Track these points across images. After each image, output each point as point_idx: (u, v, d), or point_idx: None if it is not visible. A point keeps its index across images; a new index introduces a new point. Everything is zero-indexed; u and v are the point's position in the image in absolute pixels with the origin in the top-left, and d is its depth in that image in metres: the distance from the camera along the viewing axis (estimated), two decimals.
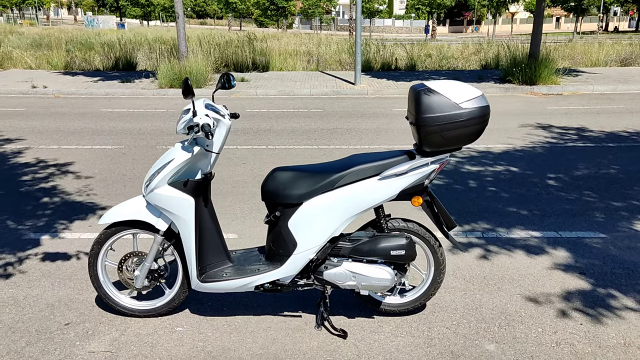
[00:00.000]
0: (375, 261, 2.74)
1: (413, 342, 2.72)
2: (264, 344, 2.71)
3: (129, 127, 7.98)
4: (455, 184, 5.24)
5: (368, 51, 15.76)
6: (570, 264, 3.53)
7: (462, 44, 21.48)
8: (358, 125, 8.08)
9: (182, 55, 12.37)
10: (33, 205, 4.67)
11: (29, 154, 6.40)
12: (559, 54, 14.47)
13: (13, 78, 13.10)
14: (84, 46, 18.66)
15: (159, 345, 2.69)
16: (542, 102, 10.21)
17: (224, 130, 2.70)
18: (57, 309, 3.03)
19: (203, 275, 2.77)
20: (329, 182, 2.63)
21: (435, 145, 2.53)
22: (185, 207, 2.67)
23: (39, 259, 3.63)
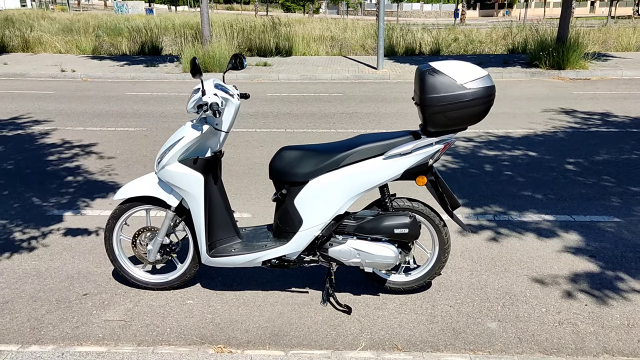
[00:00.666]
0: (379, 239, 2.79)
1: (416, 319, 2.76)
2: (270, 318, 2.79)
3: (152, 110, 8.15)
4: (471, 167, 5.22)
5: (392, 36, 15.61)
6: (581, 247, 3.51)
7: (492, 28, 21.05)
8: (378, 110, 8.07)
9: (206, 39, 12.48)
10: (57, 183, 4.85)
11: (56, 135, 6.62)
12: (590, 39, 14.07)
13: (43, 62, 13.45)
14: (113, 31, 18.97)
15: (170, 316, 2.81)
16: (569, 86, 9.98)
17: (233, 110, 2.76)
18: (76, 280, 3.18)
19: (212, 250, 2.87)
20: (335, 161, 2.68)
21: (439, 126, 2.54)
22: (195, 184, 2.75)
23: (61, 234, 3.80)
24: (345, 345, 2.56)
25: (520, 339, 2.58)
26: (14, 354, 2.39)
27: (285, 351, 2.49)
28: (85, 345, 2.55)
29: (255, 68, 12.31)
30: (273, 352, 2.46)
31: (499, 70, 11.41)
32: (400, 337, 2.61)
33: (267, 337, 2.63)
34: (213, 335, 2.65)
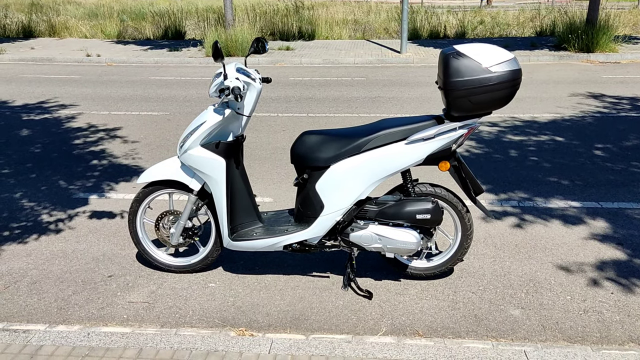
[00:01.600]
0: (401, 225, 2.77)
1: (437, 304, 2.75)
2: (291, 302, 2.81)
3: (175, 95, 8.20)
4: (495, 153, 5.13)
5: (416, 19, 15.34)
6: (608, 234, 3.43)
7: (519, 10, 20.52)
8: (401, 94, 7.98)
9: (229, 23, 12.47)
10: (83, 167, 4.94)
11: (82, 119, 6.72)
12: (621, 21, 13.59)
13: (69, 47, 13.64)
14: (137, 16, 19.08)
15: (192, 298, 2.85)
16: (598, 70, 9.70)
17: (255, 94, 2.75)
18: (101, 262, 3.24)
19: (234, 234, 2.89)
20: (356, 146, 2.66)
21: (463, 110, 2.50)
22: (217, 168, 2.77)
23: (87, 217, 3.87)
24: (366, 330, 2.57)
25: (544, 326, 2.54)
26: (42, 333, 2.46)
27: (306, 335, 2.50)
28: (110, 325, 2.61)
29: (278, 52, 12.26)
30: (294, 336, 2.48)
31: (526, 54, 11.14)
32: (422, 323, 2.60)
33: (288, 321, 2.65)
34: (235, 318, 2.68)
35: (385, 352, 2.31)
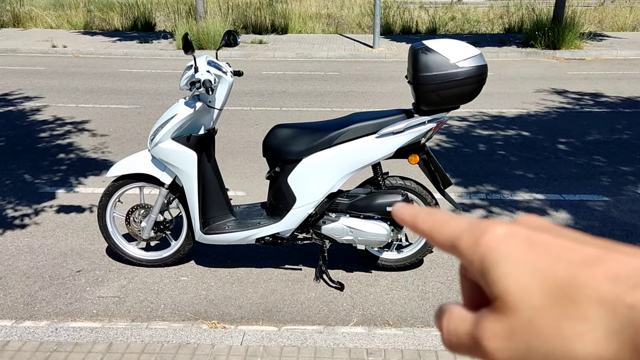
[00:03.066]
0: (372, 217, 2.81)
1: (407, 295, 2.81)
2: (264, 294, 2.83)
3: (146, 87, 8.08)
4: (465, 147, 5.23)
5: (388, 14, 15.45)
6: (570, 225, 3.55)
7: (489, 7, 20.85)
8: (373, 89, 8.04)
9: (200, 16, 12.32)
10: (50, 160, 4.83)
11: (47, 111, 6.56)
12: (586, 18, 13.98)
13: (34, 37, 13.25)
14: (105, 6, 18.66)
15: (164, 292, 2.84)
16: (563, 66, 9.96)
17: (226, 87, 2.75)
18: (69, 257, 3.19)
19: (206, 228, 2.88)
20: (328, 139, 2.68)
21: (432, 104, 2.55)
22: (188, 161, 2.76)
23: (54, 211, 3.80)
24: (338, 321, 2.61)
25: None
26: (9, 329, 2.42)
27: (278, 327, 2.53)
28: (78, 321, 2.58)
29: (251, 46, 12.18)
30: (266, 328, 2.50)
31: (494, 50, 11.35)
32: (392, 313, 2.66)
33: (260, 313, 2.66)
34: (207, 311, 2.68)
35: (356, 341, 2.35)
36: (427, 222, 0.30)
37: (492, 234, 0.27)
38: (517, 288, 0.25)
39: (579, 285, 0.24)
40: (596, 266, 0.24)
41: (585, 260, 0.24)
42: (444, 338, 0.30)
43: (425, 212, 0.30)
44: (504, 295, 0.25)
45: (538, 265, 0.25)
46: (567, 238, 0.26)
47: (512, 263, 0.25)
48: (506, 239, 0.26)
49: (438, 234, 0.29)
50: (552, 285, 0.24)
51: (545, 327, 0.24)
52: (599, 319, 0.23)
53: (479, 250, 0.27)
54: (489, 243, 0.26)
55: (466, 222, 0.29)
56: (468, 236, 0.28)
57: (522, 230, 0.27)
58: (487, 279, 0.26)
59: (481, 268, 0.26)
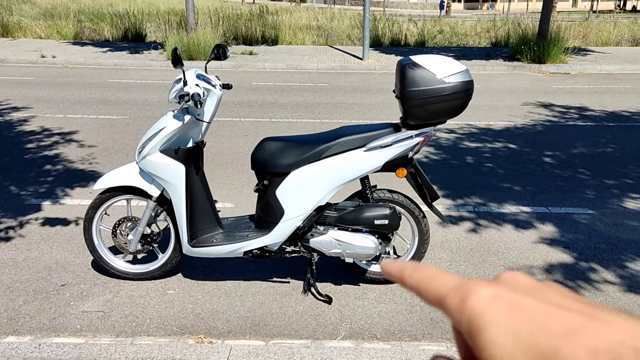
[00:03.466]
0: (360, 230, 2.82)
1: (395, 308, 2.81)
2: (251, 308, 2.81)
3: (135, 98, 8.05)
4: (453, 159, 5.27)
5: (378, 27, 15.59)
6: (556, 238, 3.59)
7: (476, 21, 21.13)
8: (362, 100, 8.08)
9: (191, 27, 12.33)
10: (36, 172, 4.79)
11: (35, 122, 6.51)
12: (571, 33, 14.22)
13: (22, 47, 13.17)
14: (95, 17, 18.62)
15: (150, 306, 2.81)
16: (549, 80, 10.10)
17: (215, 100, 2.76)
18: (54, 270, 3.15)
19: (194, 241, 2.87)
20: (316, 153, 2.69)
21: (419, 119, 2.57)
22: (176, 174, 2.75)
23: (39, 224, 3.76)
24: (325, 334, 2.60)
25: None
26: None
27: (265, 341, 2.51)
28: (62, 336, 2.55)
29: (241, 57, 12.21)
30: (253, 342, 2.49)
31: (482, 63, 11.49)
32: (380, 327, 2.65)
33: (247, 327, 2.65)
34: (194, 325, 2.66)
35: (344, 356, 2.34)
36: (413, 278, 0.31)
37: (477, 296, 0.27)
38: (502, 356, 0.26)
39: (560, 358, 0.24)
40: (577, 338, 0.25)
41: (567, 330, 0.25)
42: None
43: (411, 268, 0.31)
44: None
45: (521, 333, 0.26)
46: (549, 303, 0.27)
47: (497, 330, 0.26)
48: (490, 302, 0.27)
49: (425, 291, 0.30)
50: (535, 355, 0.25)
51: None
52: None
53: (465, 312, 0.27)
54: (474, 306, 0.27)
55: (452, 281, 0.29)
56: (454, 296, 0.28)
57: (505, 293, 0.28)
58: (475, 342, 0.27)
59: (469, 331, 0.27)
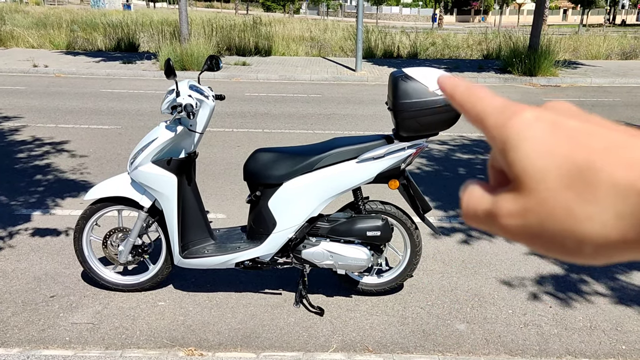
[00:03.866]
0: (352, 241, 2.82)
1: (387, 320, 2.80)
2: (242, 319, 2.79)
3: (128, 108, 8.04)
4: (445, 170, 5.30)
5: (370, 38, 15.71)
6: None
7: (468, 33, 21.36)
8: (355, 112, 8.12)
9: (184, 37, 12.37)
10: (27, 181, 4.75)
11: (26, 131, 6.47)
12: (561, 47, 14.39)
13: (15, 57, 13.14)
14: (88, 26, 18.62)
15: (141, 318, 2.78)
16: (539, 93, 10.21)
17: (208, 111, 2.76)
18: (43, 282, 3.12)
19: (185, 252, 2.85)
20: (309, 164, 2.69)
21: (411, 131, 2.58)
22: (168, 185, 2.74)
23: (29, 234, 3.72)
24: (317, 346, 2.58)
25: (487, 340, 2.63)
26: None
27: (256, 353, 2.49)
28: (51, 348, 2.52)
29: (234, 67, 12.25)
30: (244, 354, 2.47)
31: (474, 75, 11.59)
32: (371, 339, 2.64)
33: (239, 339, 2.63)
34: (184, 337, 2.63)
35: None
36: (464, 95, 0.31)
37: (520, 117, 0.28)
38: (534, 170, 0.26)
39: (596, 170, 0.25)
40: (616, 152, 0.25)
41: (607, 146, 0.25)
42: (463, 212, 0.31)
43: (464, 86, 0.32)
44: (522, 175, 0.27)
45: (558, 149, 0.26)
46: (594, 124, 0.27)
47: (533, 146, 0.26)
48: (532, 122, 0.27)
49: (471, 107, 0.31)
50: (570, 169, 0.25)
51: (557, 208, 0.25)
52: (610, 202, 0.24)
53: (504, 131, 0.28)
54: (515, 125, 0.28)
55: (499, 103, 0.30)
56: (497, 116, 0.29)
57: (549, 115, 0.28)
58: (507, 159, 0.27)
59: (503, 148, 0.28)
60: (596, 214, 0.24)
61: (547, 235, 0.26)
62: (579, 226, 0.25)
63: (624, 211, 0.24)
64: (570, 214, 0.25)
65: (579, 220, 0.25)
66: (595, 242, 0.25)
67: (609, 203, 0.24)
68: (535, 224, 0.26)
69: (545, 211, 0.26)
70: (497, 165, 0.31)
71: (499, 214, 0.28)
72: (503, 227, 0.28)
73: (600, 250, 0.25)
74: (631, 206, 0.24)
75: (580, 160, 0.25)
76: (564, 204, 0.25)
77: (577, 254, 0.26)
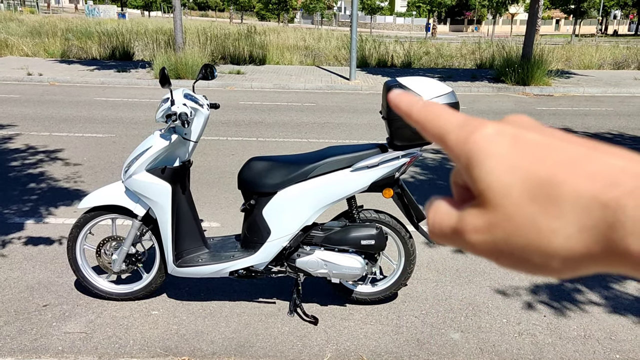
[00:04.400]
0: (346, 250, 2.82)
1: (381, 329, 2.80)
2: (236, 329, 2.78)
3: (122, 116, 8.03)
4: (439, 179, 5.32)
5: (364, 47, 15.80)
6: None
7: (461, 43, 21.54)
8: (349, 120, 8.15)
9: (179, 46, 12.39)
10: (20, 190, 4.73)
11: (20, 140, 6.45)
12: (554, 56, 14.54)
13: (9, 65, 13.11)
14: (83, 35, 18.62)
15: (134, 327, 2.77)
16: (532, 102, 10.29)
17: (202, 120, 2.76)
18: (36, 291, 3.10)
19: (179, 260, 2.84)
20: (303, 173, 2.70)
21: (405, 139, 2.60)
22: (162, 193, 2.74)
23: (22, 243, 3.70)
24: (311, 356, 2.57)
25: (481, 349, 2.64)
26: None
27: None
28: (43, 358, 2.50)
29: (229, 76, 12.28)
30: None
31: (467, 85, 11.67)
32: (366, 348, 2.64)
33: (232, 349, 2.62)
34: (178, 346, 2.62)
35: None
36: (421, 113, 0.31)
37: (481, 132, 0.28)
38: (499, 185, 0.26)
39: (558, 183, 0.25)
40: (577, 165, 0.25)
41: (568, 159, 0.25)
42: (429, 229, 0.31)
43: (421, 104, 0.32)
44: (486, 191, 0.27)
45: (521, 163, 0.26)
46: (554, 137, 0.27)
47: (496, 161, 0.26)
48: (494, 137, 0.27)
49: (430, 125, 0.31)
50: (533, 183, 0.25)
51: (522, 222, 0.25)
52: (574, 215, 0.24)
53: (466, 147, 0.28)
54: (477, 141, 0.27)
55: (458, 119, 0.30)
56: (458, 133, 0.29)
57: (510, 129, 0.28)
58: (471, 175, 0.27)
59: (467, 164, 0.28)
60: (561, 228, 0.25)
61: (513, 250, 0.26)
62: (545, 240, 0.25)
63: (587, 224, 0.24)
64: (535, 228, 0.25)
65: (544, 234, 0.25)
66: (561, 256, 0.25)
67: (572, 216, 0.24)
68: (501, 239, 0.26)
69: (511, 226, 0.26)
70: (461, 181, 0.31)
71: (465, 229, 0.28)
72: (469, 243, 0.28)
73: (566, 263, 0.25)
74: (594, 219, 0.24)
75: (543, 174, 0.25)
76: (529, 218, 0.25)
77: (544, 268, 0.26)
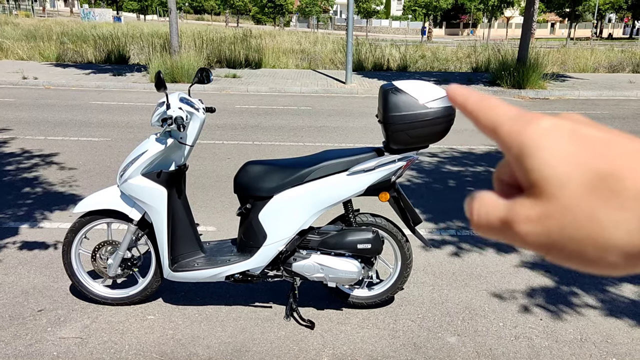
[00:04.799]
0: (342, 254, 2.81)
1: (378, 333, 2.79)
2: (232, 333, 2.77)
3: (118, 120, 8.01)
4: (435, 183, 5.32)
5: (360, 51, 15.83)
6: (538, 262, 3.62)
7: (457, 46, 21.61)
8: (345, 124, 8.15)
9: (175, 50, 12.38)
10: (15, 194, 4.71)
11: (15, 144, 6.42)
12: (549, 60, 14.59)
13: (4, 69, 13.07)
14: (78, 39, 18.59)
15: (129, 332, 2.75)
16: (528, 105, 10.32)
17: (198, 124, 2.76)
18: (31, 295, 3.08)
19: (175, 265, 2.83)
20: (299, 176, 2.70)
21: (401, 143, 2.60)
22: (158, 198, 2.73)
23: (17, 248, 3.68)
24: None
25: (478, 353, 2.63)
26: None
27: None
28: None
29: (225, 79, 12.27)
30: None
31: None
32: (362, 352, 2.63)
33: (229, 353, 2.60)
34: (173, 351, 2.61)
35: None
36: (476, 105, 0.31)
37: (537, 124, 0.28)
38: (555, 176, 0.26)
39: (620, 177, 0.25)
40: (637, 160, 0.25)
41: (628, 154, 0.25)
42: (474, 222, 0.31)
43: (476, 96, 0.32)
44: (542, 182, 0.26)
45: (579, 156, 0.26)
46: (612, 134, 0.27)
47: (552, 152, 0.26)
48: (550, 130, 0.27)
49: (483, 117, 0.31)
50: (593, 177, 0.25)
51: (580, 214, 0.25)
52: (636, 210, 0.24)
53: (520, 138, 0.28)
54: (532, 132, 0.27)
55: (513, 111, 0.30)
56: (512, 124, 0.29)
57: (567, 123, 0.28)
58: (524, 165, 0.27)
59: (519, 154, 0.28)
60: (622, 221, 0.24)
61: (567, 242, 0.26)
62: (604, 233, 0.25)
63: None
64: (594, 221, 0.25)
65: (604, 226, 0.25)
66: (620, 250, 0.25)
67: (635, 211, 0.24)
68: (556, 231, 0.26)
69: (567, 217, 0.26)
70: (506, 177, 0.31)
71: (516, 220, 0.28)
72: (520, 234, 0.28)
73: (625, 258, 0.25)
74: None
75: (604, 168, 0.25)
76: (587, 211, 0.25)
77: (597, 263, 0.26)
